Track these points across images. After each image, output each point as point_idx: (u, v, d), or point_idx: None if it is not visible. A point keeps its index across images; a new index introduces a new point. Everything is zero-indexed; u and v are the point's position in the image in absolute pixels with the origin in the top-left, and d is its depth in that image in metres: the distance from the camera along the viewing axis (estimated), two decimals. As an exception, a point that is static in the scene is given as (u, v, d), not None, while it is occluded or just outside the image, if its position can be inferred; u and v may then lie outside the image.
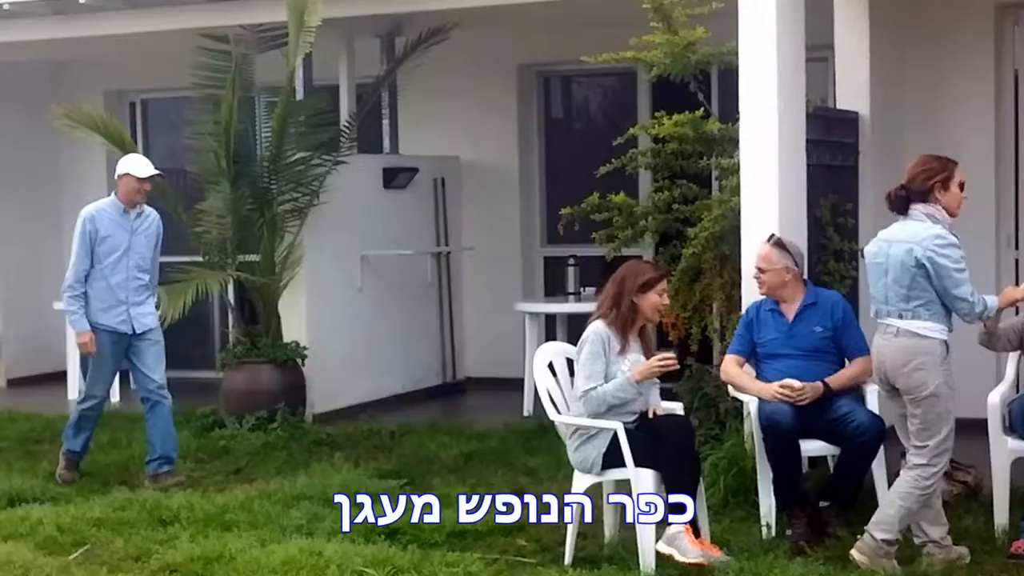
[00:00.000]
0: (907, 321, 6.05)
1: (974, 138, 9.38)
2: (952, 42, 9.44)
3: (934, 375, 6.02)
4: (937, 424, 6.04)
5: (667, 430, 6.41)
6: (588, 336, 6.36)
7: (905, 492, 6.08)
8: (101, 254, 8.24)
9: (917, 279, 6.02)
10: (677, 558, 6.13)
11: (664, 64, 8.47)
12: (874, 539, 6.08)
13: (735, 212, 7.77)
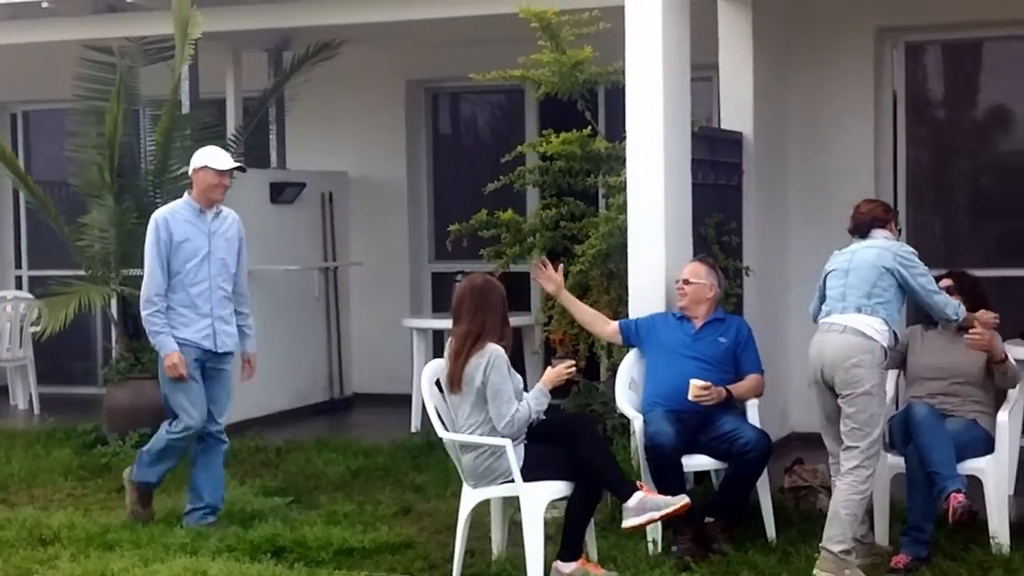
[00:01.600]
0: (861, 316, 6.29)
1: (855, 158, 9.59)
2: (834, 64, 9.64)
3: (871, 374, 6.23)
4: (869, 425, 6.21)
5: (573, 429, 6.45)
6: (492, 361, 6.26)
7: (846, 499, 6.22)
8: (178, 261, 7.33)
9: (883, 278, 6.35)
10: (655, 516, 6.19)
11: (552, 82, 8.53)
12: (832, 553, 6.18)
13: (622, 230, 7.85)
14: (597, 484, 6.29)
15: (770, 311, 9.15)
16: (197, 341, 7.36)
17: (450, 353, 6.42)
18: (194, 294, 7.37)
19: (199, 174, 7.43)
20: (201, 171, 7.42)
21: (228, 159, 7.52)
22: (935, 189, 10.07)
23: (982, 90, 10.24)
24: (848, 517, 6.19)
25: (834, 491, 6.32)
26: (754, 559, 6.50)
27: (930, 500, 6.42)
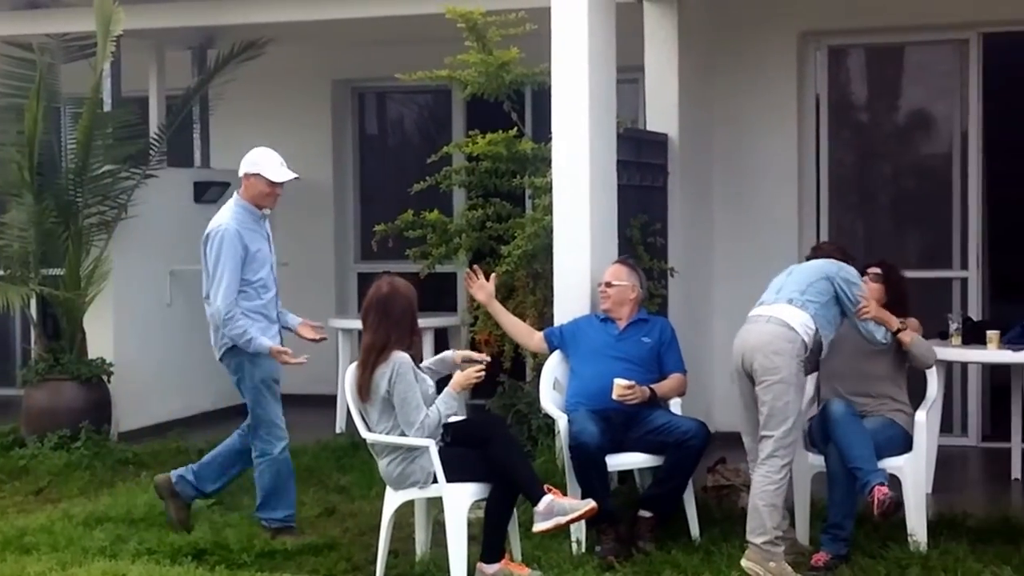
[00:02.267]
0: (790, 308, 6.37)
1: (779, 160, 9.68)
2: (758, 67, 9.71)
3: (789, 363, 6.28)
4: (784, 412, 6.25)
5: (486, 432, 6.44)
6: (396, 370, 6.21)
7: (762, 491, 6.26)
8: (252, 270, 7.01)
9: (821, 283, 6.46)
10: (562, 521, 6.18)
11: (478, 83, 8.53)
12: (755, 545, 6.22)
13: (548, 231, 7.86)
14: (511, 486, 6.28)
15: (695, 311, 9.20)
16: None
17: (358, 362, 6.39)
18: (267, 300, 7.14)
19: (251, 180, 7.08)
20: (253, 179, 7.08)
21: (284, 169, 7.15)
22: (857, 191, 10.17)
23: (904, 94, 10.35)
24: (766, 508, 6.23)
25: (752, 483, 6.36)
26: (677, 558, 6.53)
27: (850, 498, 6.48)
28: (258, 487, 7.14)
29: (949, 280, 9.60)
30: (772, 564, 6.19)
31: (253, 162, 7.09)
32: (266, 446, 7.09)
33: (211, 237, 7.03)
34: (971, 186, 9.53)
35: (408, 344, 6.30)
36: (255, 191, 7.08)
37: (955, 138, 9.70)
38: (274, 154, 7.18)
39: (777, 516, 6.27)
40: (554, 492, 6.25)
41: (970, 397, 9.50)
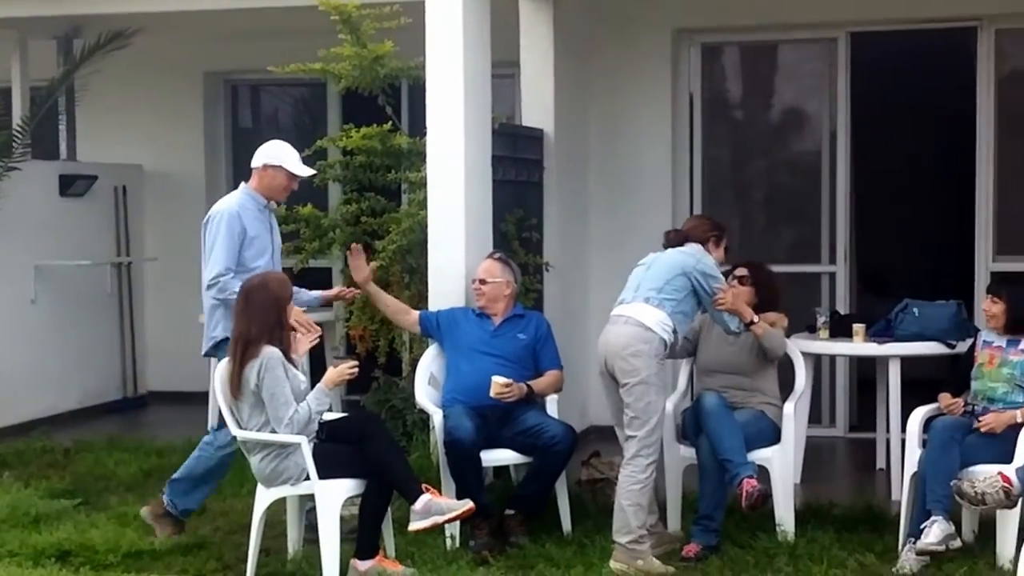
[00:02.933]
0: (647, 307, 6.42)
1: (653, 156, 9.76)
2: (633, 63, 9.78)
3: (648, 364, 6.34)
4: (646, 413, 6.31)
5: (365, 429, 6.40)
6: (265, 364, 6.13)
7: (627, 490, 6.31)
8: (249, 258, 6.81)
9: (678, 279, 6.49)
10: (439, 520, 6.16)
11: (352, 76, 8.46)
12: (621, 545, 6.26)
13: (422, 226, 7.84)
14: (387, 484, 6.26)
15: (570, 306, 9.24)
16: None
17: (228, 356, 6.32)
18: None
19: (269, 171, 6.94)
20: (273, 170, 6.93)
21: (304, 165, 7.05)
22: (731, 187, 10.30)
23: (776, 91, 10.52)
24: (631, 508, 6.29)
25: (619, 482, 6.40)
26: (550, 551, 6.56)
27: (720, 489, 6.56)
28: (185, 465, 6.97)
29: (818, 275, 9.77)
30: (640, 562, 6.24)
31: (274, 155, 6.97)
32: (223, 437, 6.79)
33: (211, 219, 6.89)
34: (839, 182, 9.70)
35: (274, 338, 6.21)
36: (273, 183, 6.95)
37: (824, 135, 9.87)
38: (292, 148, 7.09)
39: (643, 515, 6.32)
40: (431, 491, 6.24)
41: (838, 389, 9.67)
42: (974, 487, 5.88)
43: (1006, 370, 6.60)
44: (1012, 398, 6.56)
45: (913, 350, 7.74)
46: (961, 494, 5.92)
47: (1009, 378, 6.58)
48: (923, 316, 7.80)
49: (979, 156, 9.43)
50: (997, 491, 5.84)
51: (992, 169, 9.40)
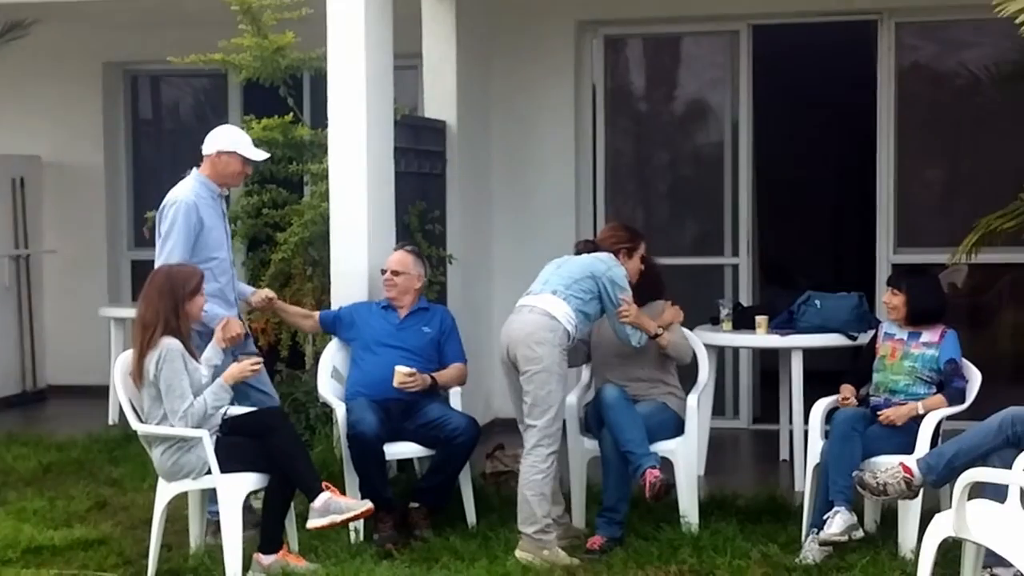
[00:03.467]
0: (553, 299, 6.41)
1: (556, 148, 9.77)
2: (536, 55, 9.78)
3: (551, 352, 6.33)
4: (547, 402, 6.31)
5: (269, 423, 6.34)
6: (163, 355, 6.06)
7: (529, 480, 6.31)
8: (207, 250, 6.68)
9: (586, 281, 6.49)
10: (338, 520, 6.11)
11: (253, 67, 8.40)
12: (528, 536, 6.26)
13: (324, 218, 7.79)
14: (289, 479, 6.21)
15: (474, 299, 9.23)
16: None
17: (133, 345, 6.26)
18: (223, 283, 6.80)
19: (223, 158, 6.80)
20: (227, 156, 6.79)
21: (258, 150, 6.96)
22: (635, 179, 10.34)
23: (679, 83, 10.57)
24: (534, 498, 6.30)
25: (520, 473, 6.40)
26: (455, 544, 6.54)
27: (624, 481, 6.58)
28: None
29: (721, 267, 9.84)
30: (545, 552, 6.25)
31: (226, 140, 6.84)
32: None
33: (166, 208, 6.71)
34: (742, 175, 9.78)
35: (175, 329, 6.14)
36: (227, 169, 6.82)
37: (727, 128, 9.94)
38: (244, 133, 7.03)
39: (546, 505, 6.33)
40: (332, 490, 6.19)
41: (741, 381, 9.75)
42: (876, 478, 5.94)
43: (907, 363, 6.69)
44: (914, 390, 6.64)
45: (815, 342, 7.81)
46: (863, 485, 5.97)
47: (911, 371, 6.67)
48: (825, 308, 7.87)
49: (880, 149, 9.55)
50: (898, 482, 5.91)
51: (892, 162, 9.52)
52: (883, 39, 9.51)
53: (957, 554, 5.48)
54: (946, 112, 9.77)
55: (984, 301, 9.80)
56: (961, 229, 7.91)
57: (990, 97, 9.32)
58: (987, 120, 9.60)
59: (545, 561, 6.21)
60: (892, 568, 6.04)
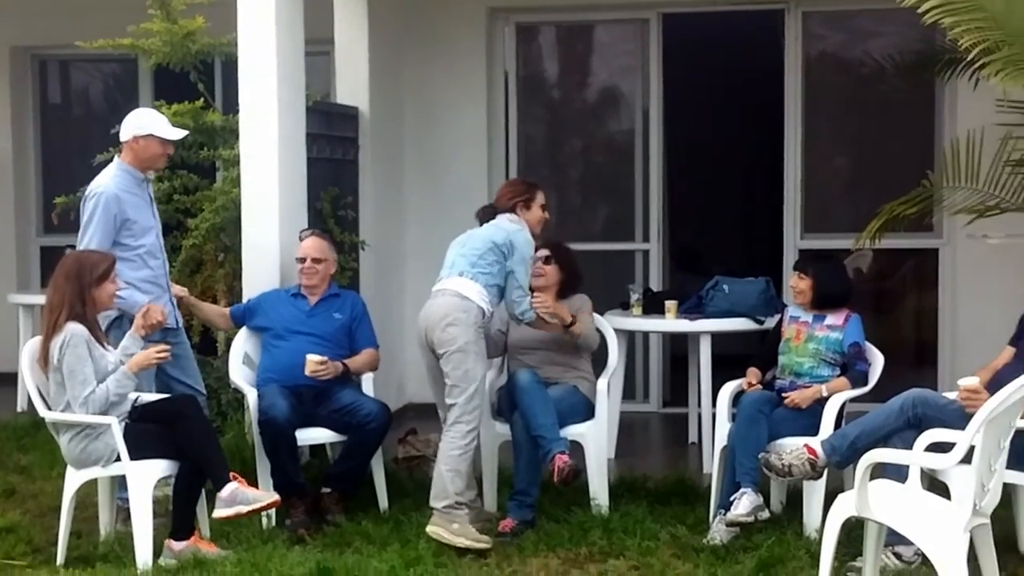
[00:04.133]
0: (462, 280, 6.44)
1: (468, 135, 9.80)
2: (448, 42, 9.79)
3: (465, 332, 6.37)
4: (465, 381, 6.35)
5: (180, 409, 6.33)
6: (67, 340, 6.02)
7: (447, 455, 6.34)
8: (132, 237, 6.66)
9: (491, 253, 6.50)
10: (244, 511, 6.09)
11: (163, 52, 8.33)
12: (438, 511, 6.28)
13: (236, 204, 7.75)
14: (199, 466, 6.21)
15: (386, 285, 9.25)
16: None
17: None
18: (155, 268, 6.78)
19: (141, 142, 6.74)
20: (145, 140, 6.74)
21: (176, 128, 6.89)
22: (547, 166, 10.39)
23: (591, 71, 10.62)
24: (448, 472, 6.33)
25: (439, 448, 6.43)
26: (367, 529, 6.57)
27: (535, 465, 6.64)
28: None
29: (632, 252, 9.92)
30: (455, 526, 6.28)
31: (140, 125, 6.78)
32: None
33: (87, 198, 6.65)
34: (652, 161, 9.86)
35: (80, 315, 6.10)
36: (147, 153, 6.77)
37: (638, 115, 10.02)
38: (159, 114, 6.97)
39: (460, 482, 6.36)
40: (240, 480, 6.19)
41: (651, 365, 9.86)
42: (781, 459, 6.03)
43: (812, 345, 6.80)
44: (818, 372, 6.76)
45: (723, 326, 7.91)
46: (769, 466, 6.06)
47: (815, 353, 6.78)
48: (733, 293, 7.97)
49: (787, 137, 9.68)
50: (803, 463, 6.00)
51: (799, 150, 9.65)
52: (790, 28, 9.64)
53: (860, 533, 5.58)
54: (852, 100, 9.91)
55: (888, 286, 9.97)
56: (866, 215, 8.06)
57: (895, 86, 9.45)
58: (892, 108, 9.75)
59: (453, 534, 6.22)
60: (797, 547, 6.14)
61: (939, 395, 6.22)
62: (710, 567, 5.97)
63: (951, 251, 9.33)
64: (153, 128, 6.78)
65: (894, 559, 5.83)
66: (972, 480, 4.96)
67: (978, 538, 5.16)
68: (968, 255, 9.14)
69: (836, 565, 5.47)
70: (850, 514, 5.25)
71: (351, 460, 6.91)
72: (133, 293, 6.58)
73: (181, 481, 6.23)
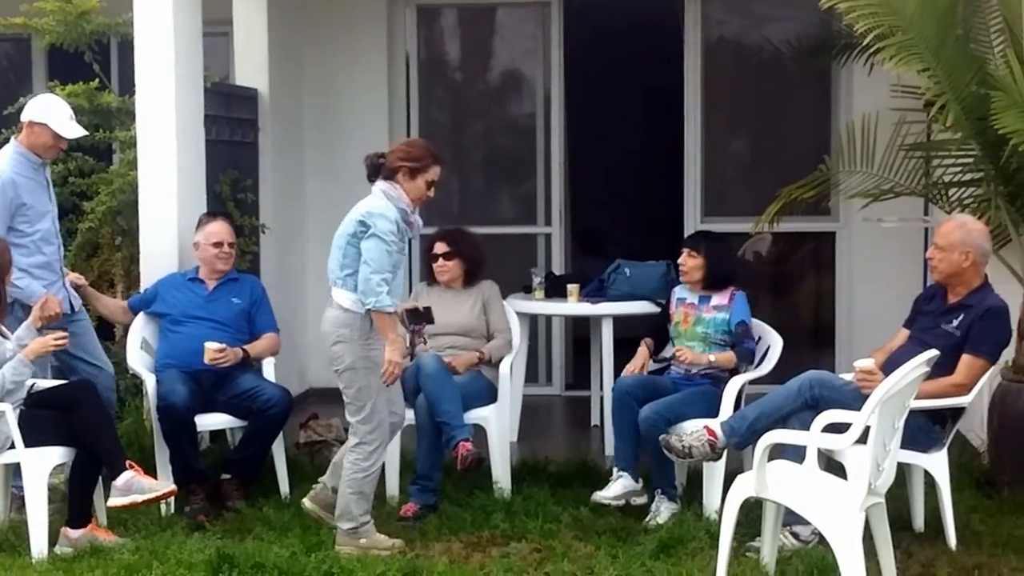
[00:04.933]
0: (338, 291, 6.04)
1: (369, 117, 9.73)
2: (348, 24, 9.72)
3: (352, 349, 5.99)
4: (360, 399, 6.02)
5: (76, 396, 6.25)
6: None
7: (350, 478, 6.07)
8: (27, 223, 6.50)
9: (350, 247, 5.99)
10: (139, 500, 6.02)
11: (57, 32, 8.20)
12: (343, 531, 6.10)
13: (133, 186, 7.65)
14: (95, 453, 6.12)
15: (287, 268, 9.18)
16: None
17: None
18: (50, 255, 6.63)
19: (35, 128, 6.61)
20: (38, 127, 6.60)
21: (73, 123, 6.69)
22: (449, 149, 10.30)
23: (493, 54, 10.61)
24: (352, 496, 6.06)
25: (344, 469, 6.13)
26: (268, 515, 6.53)
27: (437, 450, 6.63)
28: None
29: (534, 236, 9.94)
30: (363, 541, 6.09)
31: (40, 111, 6.64)
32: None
33: None
34: (554, 145, 9.88)
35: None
36: (37, 141, 6.63)
37: (539, 98, 10.04)
38: (64, 105, 6.79)
39: (364, 504, 6.11)
40: (136, 468, 6.11)
41: (554, 348, 9.89)
42: (682, 441, 6.08)
43: (700, 328, 6.86)
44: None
45: (624, 309, 7.94)
46: (669, 448, 6.11)
47: (704, 336, 6.83)
48: (634, 276, 8.00)
49: (687, 121, 9.74)
50: (703, 444, 6.06)
51: (699, 134, 9.73)
52: (690, 13, 9.69)
53: (759, 513, 5.64)
54: (751, 85, 10.01)
55: (787, 269, 10.09)
56: (765, 199, 8.14)
57: (792, 70, 9.55)
58: (790, 93, 9.86)
59: (364, 549, 6.03)
60: (697, 528, 6.20)
61: (836, 376, 6.31)
62: (611, 548, 6.01)
63: (847, 235, 9.46)
64: (49, 119, 6.64)
65: (792, 539, 5.90)
66: (867, 460, 5.04)
67: (873, 517, 5.24)
68: (864, 239, 9.27)
69: (735, 545, 5.52)
70: (749, 495, 5.31)
71: (251, 446, 6.86)
72: (30, 283, 6.47)
73: (77, 468, 6.15)
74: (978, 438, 7.22)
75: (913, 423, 5.51)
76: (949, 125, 6.73)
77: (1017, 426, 6.80)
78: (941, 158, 7.50)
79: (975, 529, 6.24)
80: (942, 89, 6.69)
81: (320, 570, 5.71)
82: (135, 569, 5.74)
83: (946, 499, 6.07)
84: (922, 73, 6.70)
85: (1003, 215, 7.00)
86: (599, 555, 5.95)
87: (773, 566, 5.57)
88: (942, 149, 7.45)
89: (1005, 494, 6.65)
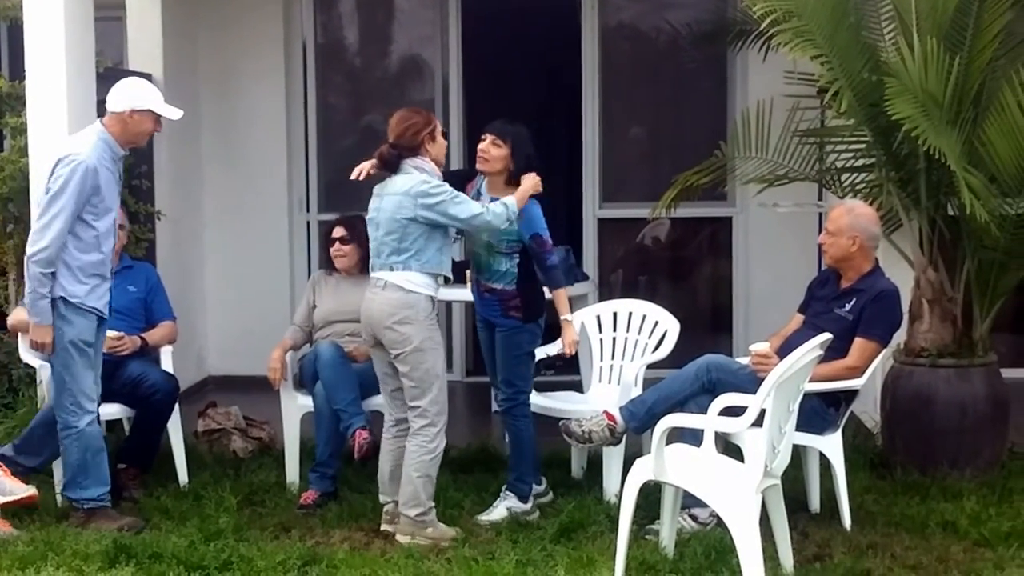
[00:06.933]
0: (396, 274, 5.97)
1: (266, 103, 9.68)
2: (243, 8, 9.64)
3: (419, 330, 5.95)
4: (425, 381, 5.97)
5: None
6: None
7: (417, 461, 5.99)
8: (94, 216, 6.05)
9: (408, 230, 5.93)
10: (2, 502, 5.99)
11: (-56, 16, 8.03)
12: (410, 518, 6.01)
13: (24, 173, 7.52)
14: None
15: (184, 255, 9.09)
16: (100, 308, 6.18)
17: None
18: (106, 254, 6.20)
19: (136, 116, 6.15)
20: (139, 114, 6.15)
21: (172, 106, 6.26)
22: (348, 134, 10.30)
23: (392, 39, 10.56)
24: (420, 480, 5.98)
25: (407, 453, 6.02)
26: (166, 504, 6.49)
27: (336, 437, 6.61)
28: (64, 464, 6.28)
29: (434, 221, 9.89)
30: (429, 530, 6.02)
31: (140, 96, 6.19)
32: (70, 417, 6.16)
33: (62, 163, 6.05)
34: (452, 131, 9.84)
35: None
36: (137, 128, 6.21)
37: (438, 83, 10.02)
38: (156, 89, 6.37)
39: (431, 487, 6.05)
40: (4, 470, 6.03)
41: (454, 335, 9.88)
42: (581, 426, 6.10)
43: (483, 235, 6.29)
44: (496, 267, 6.35)
45: (523, 294, 7.94)
46: (569, 433, 6.13)
47: (487, 245, 6.34)
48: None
49: (585, 107, 9.78)
50: (602, 429, 6.09)
51: (597, 120, 9.77)
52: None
53: (658, 497, 5.70)
54: (648, 71, 10.07)
55: (685, 254, 10.17)
56: (663, 184, 8.19)
57: (689, 56, 9.62)
58: (687, 78, 9.93)
59: (429, 539, 5.97)
60: (597, 512, 6.24)
61: (732, 360, 6.38)
62: (512, 533, 6.03)
63: (744, 220, 9.56)
64: (153, 104, 6.21)
65: (690, 521, 5.96)
66: (763, 442, 5.11)
67: (770, 499, 5.32)
68: (760, 224, 9.38)
69: (635, 528, 5.57)
70: (648, 478, 5.36)
71: (142, 434, 6.83)
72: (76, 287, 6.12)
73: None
74: (872, 420, 7.34)
75: (808, 406, 5.60)
76: (842, 111, 6.81)
77: (909, 408, 6.94)
78: (834, 144, 7.60)
79: (869, 509, 6.35)
80: (835, 75, 6.77)
81: (219, 559, 5.67)
82: (30, 561, 5.66)
83: (841, 480, 6.17)
84: (816, 59, 6.78)
85: (894, 200, 7.12)
86: (500, 540, 5.97)
87: (672, 548, 5.63)
88: (835, 135, 7.55)
89: (898, 474, 6.78)
